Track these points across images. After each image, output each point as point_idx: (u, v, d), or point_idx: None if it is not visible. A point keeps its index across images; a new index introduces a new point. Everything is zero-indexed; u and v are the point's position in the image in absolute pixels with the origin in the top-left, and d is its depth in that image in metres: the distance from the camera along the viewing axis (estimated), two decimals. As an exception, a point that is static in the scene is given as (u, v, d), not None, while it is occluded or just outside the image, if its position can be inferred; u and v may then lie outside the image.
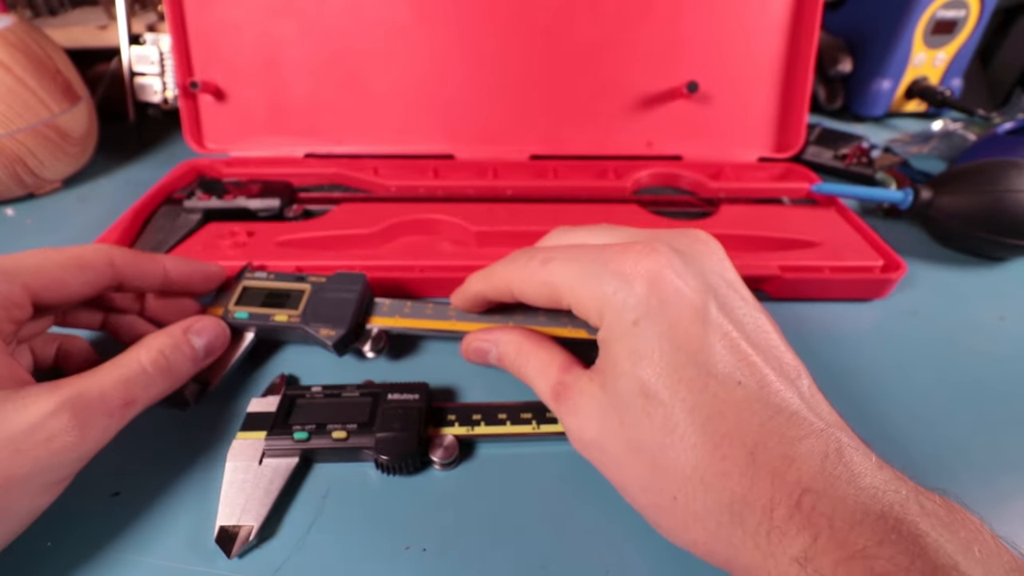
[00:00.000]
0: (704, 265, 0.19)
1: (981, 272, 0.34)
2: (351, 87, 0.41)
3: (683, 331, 0.16)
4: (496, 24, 0.40)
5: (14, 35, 0.36)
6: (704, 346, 0.16)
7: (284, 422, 0.21)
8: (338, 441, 0.21)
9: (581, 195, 0.38)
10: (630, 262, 0.18)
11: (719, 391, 0.16)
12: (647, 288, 0.17)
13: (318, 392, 0.23)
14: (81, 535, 0.19)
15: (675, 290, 0.17)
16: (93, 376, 0.19)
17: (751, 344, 0.17)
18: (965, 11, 0.49)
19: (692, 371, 0.16)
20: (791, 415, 0.15)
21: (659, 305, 0.17)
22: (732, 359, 0.16)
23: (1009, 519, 0.21)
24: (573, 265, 0.19)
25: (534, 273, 0.20)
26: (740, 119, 0.42)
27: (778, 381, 0.16)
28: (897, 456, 0.23)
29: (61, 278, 0.21)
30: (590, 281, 0.18)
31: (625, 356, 0.17)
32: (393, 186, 0.38)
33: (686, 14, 0.39)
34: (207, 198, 0.35)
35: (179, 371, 0.21)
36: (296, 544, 0.19)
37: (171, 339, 0.21)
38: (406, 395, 0.22)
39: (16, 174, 0.37)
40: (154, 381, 0.20)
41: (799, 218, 0.35)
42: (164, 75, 0.43)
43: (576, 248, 0.20)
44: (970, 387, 0.26)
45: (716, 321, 0.17)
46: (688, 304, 0.17)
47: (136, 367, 0.20)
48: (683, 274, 0.18)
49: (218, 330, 0.23)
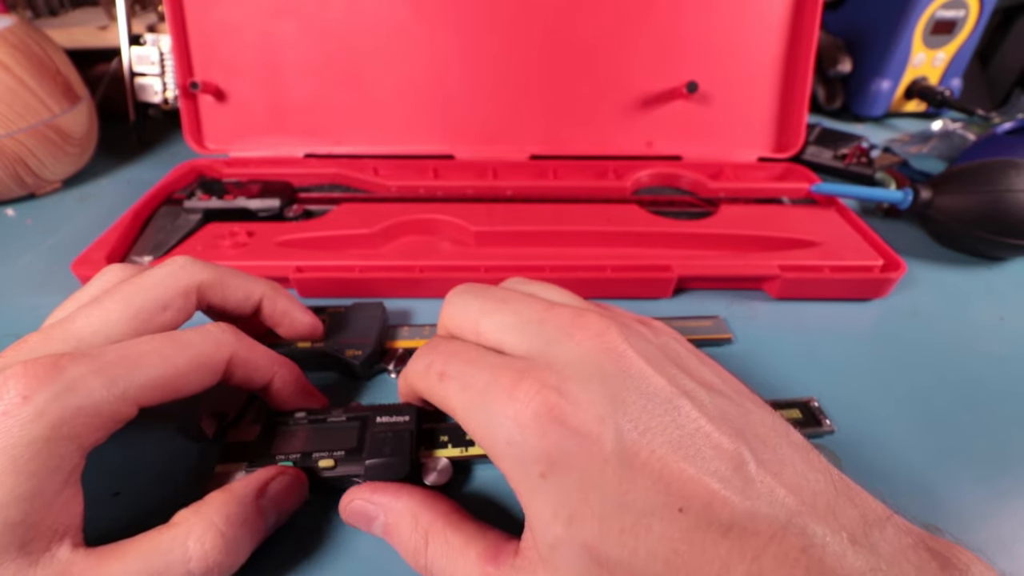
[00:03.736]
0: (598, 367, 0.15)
1: (981, 272, 0.34)
2: (351, 87, 0.41)
3: (599, 473, 0.14)
4: (496, 24, 0.40)
5: (14, 35, 0.36)
6: (629, 486, 0.14)
7: (266, 452, 0.20)
8: (325, 470, 0.19)
9: (581, 195, 0.38)
10: (519, 405, 0.15)
11: (663, 529, 0.13)
12: (542, 435, 0.14)
13: (301, 418, 0.21)
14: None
15: (574, 431, 0.14)
16: (109, 566, 0.15)
17: (678, 455, 0.14)
18: (965, 11, 0.49)
19: (628, 518, 0.14)
20: (748, 522, 0.13)
21: (562, 454, 0.14)
22: (663, 486, 0.14)
23: (1009, 519, 0.21)
24: (463, 396, 0.16)
25: (432, 388, 0.18)
26: (740, 119, 0.42)
27: (725, 486, 0.13)
28: (897, 456, 0.23)
29: (177, 385, 0.17)
30: (481, 424, 0.16)
31: (551, 516, 0.14)
32: (393, 186, 0.38)
33: (686, 14, 0.39)
34: (207, 198, 0.35)
35: (235, 551, 0.16)
36: (294, 544, 0.19)
37: (239, 509, 0.17)
38: (395, 417, 0.21)
39: (16, 174, 0.37)
40: (190, 572, 0.15)
41: (799, 218, 0.35)
42: (164, 75, 0.43)
43: (469, 363, 0.17)
44: (970, 387, 0.26)
45: (632, 449, 0.14)
46: (594, 441, 0.14)
47: (178, 560, 0.15)
48: (578, 402, 0.15)
49: (302, 492, 0.19)
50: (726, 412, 0.15)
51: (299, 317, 0.23)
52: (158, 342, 0.17)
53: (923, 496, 0.21)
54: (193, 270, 0.20)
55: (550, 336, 0.16)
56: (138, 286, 0.19)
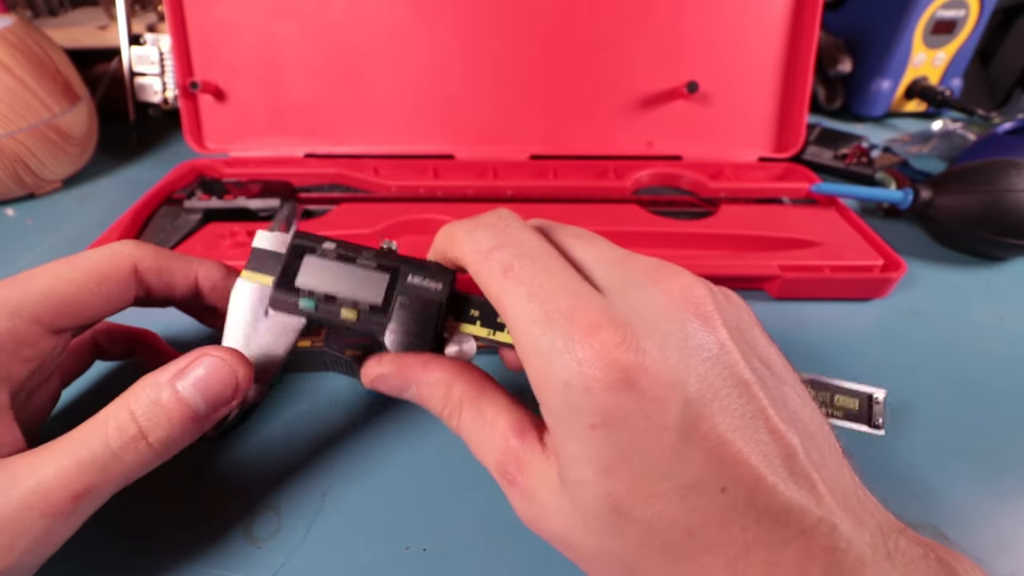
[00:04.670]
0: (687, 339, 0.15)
1: (981, 272, 0.34)
2: (351, 87, 0.41)
3: (654, 439, 0.14)
4: (496, 24, 0.40)
5: (14, 35, 0.36)
6: (680, 457, 0.14)
7: (290, 280, 0.19)
8: (346, 321, 0.19)
9: (581, 195, 0.38)
10: (593, 353, 0.14)
11: (699, 503, 0.13)
12: (608, 390, 0.14)
13: (331, 250, 0.19)
14: (81, 535, 0.19)
15: (642, 393, 0.14)
16: (39, 456, 0.15)
17: (743, 432, 0.14)
18: (965, 11, 0.49)
19: (667, 484, 0.14)
20: (782, 513, 0.13)
21: (622, 413, 0.14)
22: (715, 464, 0.13)
23: (1009, 519, 0.21)
24: (528, 307, 0.15)
25: (490, 277, 0.16)
26: (740, 119, 0.42)
27: (773, 473, 0.13)
28: (897, 456, 0.23)
29: (78, 299, 0.18)
30: (539, 349, 0.15)
31: (585, 463, 0.14)
32: (393, 186, 0.38)
33: (686, 14, 0.39)
34: (207, 198, 0.35)
35: (162, 440, 0.16)
36: (296, 544, 0.19)
37: (151, 393, 0.16)
38: (428, 281, 0.19)
39: (16, 174, 0.37)
40: (119, 458, 0.15)
41: (799, 218, 0.35)
42: (164, 75, 0.43)
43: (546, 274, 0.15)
44: (970, 387, 0.26)
45: (695, 421, 0.14)
46: (659, 407, 0.14)
47: (97, 441, 0.15)
48: (654, 362, 0.14)
49: (223, 373, 0.17)
50: (786, 399, 0.15)
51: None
52: (53, 263, 0.18)
53: (923, 496, 0.21)
54: (130, 248, 0.19)
55: (636, 278, 0.16)
56: (72, 258, 0.19)
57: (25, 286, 0.17)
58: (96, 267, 0.18)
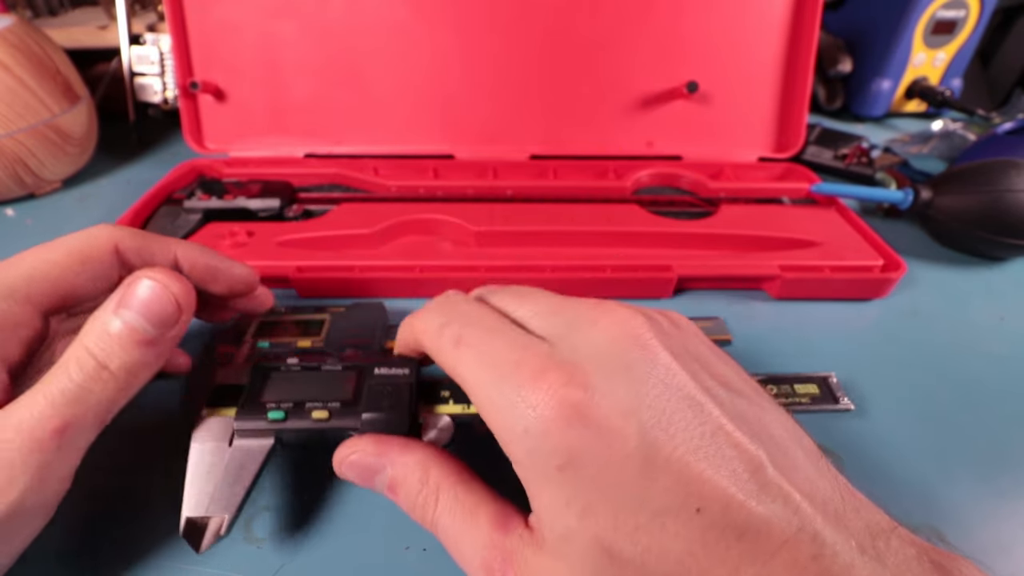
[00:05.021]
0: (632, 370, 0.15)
1: (981, 272, 0.34)
2: (351, 87, 0.41)
3: (619, 469, 0.14)
4: (496, 24, 0.40)
5: (14, 35, 0.36)
6: (649, 482, 0.14)
7: (257, 398, 0.19)
8: (319, 422, 0.19)
9: (581, 195, 0.38)
10: (543, 396, 0.14)
11: (678, 528, 0.13)
12: (564, 428, 0.14)
13: (295, 364, 0.20)
14: (82, 535, 0.19)
15: (598, 426, 0.14)
16: (19, 400, 0.16)
17: (705, 452, 0.14)
18: (965, 11, 0.49)
19: (645, 514, 0.14)
20: (762, 526, 0.13)
21: (583, 448, 0.14)
22: (683, 486, 0.13)
23: (1009, 518, 0.21)
24: (480, 371, 0.16)
25: (443, 352, 0.17)
26: (740, 119, 0.42)
27: (742, 490, 0.13)
28: (897, 456, 0.23)
29: (64, 279, 0.18)
30: (496, 407, 0.15)
31: (564, 507, 0.14)
32: (393, 186, 0.38)
33: (686, 14, 0.39)
34: (207, 198, 0.35)
35: (123, 366, 0.17)
36: (296, 544, 0.19)
37: (96, 323, 0.17)
38: (394, 369, 0.20)
39: (16, 174, 0.37)
40: (88, 390, 0.16)
41: (799, 218, 0.35)
42: (164, 75, 0.43)
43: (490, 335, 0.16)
44: (970, 387, 0.26)
45: (654, 446, 0.14)
46: (617, 437, 0.14)
47: (62, 380, 0.16)
48: (603, 396, 0.14)
49: (159, 293, 0.17)
50: (744, 412, 0.15)
51: (229, 268, 0.22)
52: (34, 248, 0.19)
53: (923, 496, 0.21)
54: (109, 230, 0.20)
55: (574, 322, 0.16)
56: (54, 242, 0.19)
57: (13, 270, 0.18)
58: (78, 248, 0.19)
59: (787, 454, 0.15)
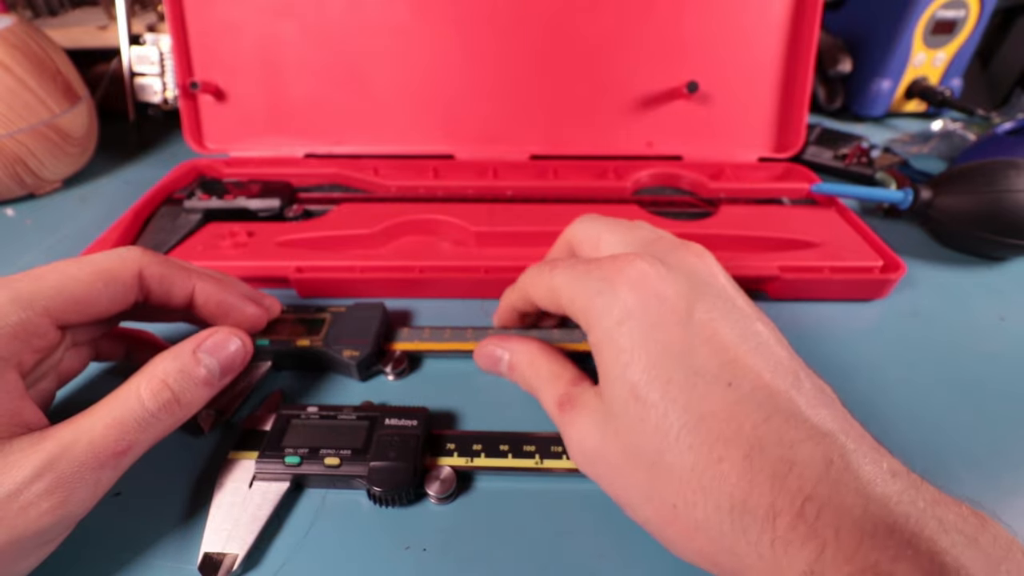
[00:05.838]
0: (691, 271, 0.19)
1: (981, 272, 0.34)
2: (351, 87, 0.41)
3: (666, 332, 0.17)
4: (496, 24, 0.40)
5: (14, 35, 0.36)
6: (688, 348, 0.16)
7: (277, 444, 0.21)
8: (330, 468, 0.20)
9: (581, 195, 0.38)
10: (616, 268, 0.18)
11: (708, 392, 0.15)
12: (629, 291, 0.18)
13: (314, 413, 0.22)
14: (81, 534, 0.19)
15: (656, 293, 0.17)
16: (83, 421, 0.17)
17: (740, 346, 0.17)
18: (965, 11, 0.49)
19: (680, 372, 0.16)
20: (788, 416, 0.15)
21: (641, 307, 0.17)
22: (718, 360, 0.16)
23: (1010, 518, 0.21)
24: (569, 272, 0.20)
25: (543, 278, 0.21)
26: (740, 119, 0.42)
27: (774, 382, 0.16)
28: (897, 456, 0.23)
29: (86, 297, 0.19)
30: (580, 284, 0.19)
31: (614, 359, 0.17)
32: (393, 186, 0.38)
33: (686, 14, 0.39)
34: (207, 198, 0.35)
35: (189, 401, 0.19)
36: (296, 544, 0.19)
37: (177, 362, 0.19)
38: (404, 421, 0.21)
39: (16, 174, 0.37)
40: (157, 418, 0.18)
41: (799, 218, 0.35)
42: (164, 75, 0.43)
43: (580, 260, 0.21)
44: (970, 387, 0.26)
45: (699, 323, 0.17)
46: (670, 307, 0.17)
47: (135, 405, 0.17)
48: (666, 278, 0.18)
49: (236, 344, 0.20)
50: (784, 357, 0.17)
51: (242, 309, 0.23)
52: (62, 262, 0.19)
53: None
54: (137, 255, 0.21)
55: (659, 252, 0.20)
56: (81, 259, 0.20)
57: (37, 282, 0.18)
58: (105, 269, 0.20)
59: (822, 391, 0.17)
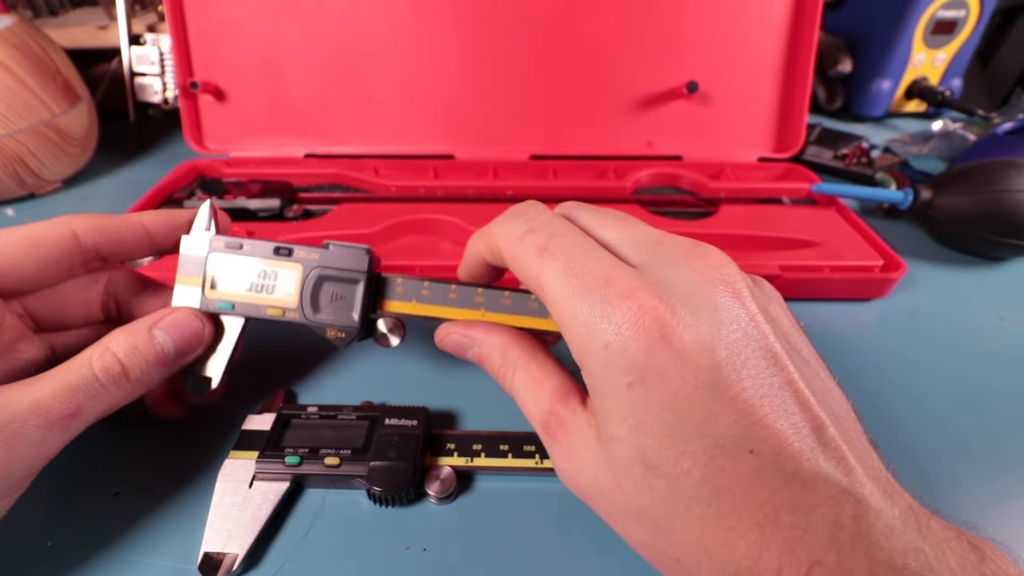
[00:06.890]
0: (718, 310, 0.15)
1: (981, 272, 0.34)
2: (351, 87, 0.41)
3: (685, 398, 0.14)
4: (496, 24, 0.40)
5: (14, 35, 0.36)
6: (710, 416, 0.14)
7: (277, 444, 0.21)
8: (330, 468, 0.20)
9: (581, 195, 0.38)
10: (630, 314, 0.15)
11: (727, 464, 0.14)
12: (644, 349, 0.15)
13: (314, 413, 0.22)
14: (81, 535, 0.19)
15: (677, 353, 0.15)
16: (32, 383, 0.17)
17: (772, 401, 0.14)
18: (965, 11, 0.49)
19: (696, 443, 0.14)
20: (809, 479, 0.14)
21: (658, 371, 0.15)
22: (743, 426, 0.14)
23: (1010, 518, 0.21)
24: (566, 281, 0.16)
25: (526, 258, 0.17)
26: (740, 119, 0.42)
27: (799, 441, 0.14)
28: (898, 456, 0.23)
29: (11, 259, 0.19)
30: (581, 316, 0.16)
31: (620, 419, 0.15)
32: (393, 186, 0.38)
33: (686, 14, 0.39)
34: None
35: (138, 377, 0.19)
36: (296, 544, 0.19)
37: (132, 338, 0.19)
38: (404, 421, 0.21)
39: (16, 174, 0.37)
40: (106, 389, 0.18)
41: (799, 218, 0.35)
42: (164, 75, 0.43)
43: (579, 250, 0.17)
44: (970, 387, 0.26)
45: (724, 384, 0.14)
46: (692, 367, 0.15)
47: (85, 373, 0.17)
48: (687, 326, 0.15)
49: (192, 324, 0.20)
50: (812, 379, 0.16)
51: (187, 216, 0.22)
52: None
53: (923, 496, 0.21)
54: (70, 217, 0.20)
55: (669, 257, 0.17)
56: (13, 228, 0.19)
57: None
58: (33, 232, 0.19)
59: (844, 424, 0.15)
